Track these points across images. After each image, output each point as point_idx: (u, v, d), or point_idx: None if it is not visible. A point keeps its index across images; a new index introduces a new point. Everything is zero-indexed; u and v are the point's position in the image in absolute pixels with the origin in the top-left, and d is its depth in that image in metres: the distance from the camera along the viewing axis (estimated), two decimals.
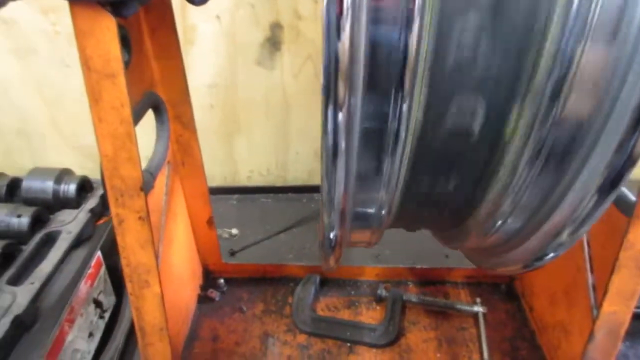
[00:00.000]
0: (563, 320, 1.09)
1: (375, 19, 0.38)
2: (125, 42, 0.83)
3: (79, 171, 1.42)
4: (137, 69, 0.89)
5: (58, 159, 1.76)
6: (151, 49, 0.96)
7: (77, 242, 1.41)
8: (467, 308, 1.26)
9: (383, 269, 1.38)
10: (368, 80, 0.40)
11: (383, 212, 0.52)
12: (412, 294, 1.31)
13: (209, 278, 1.37)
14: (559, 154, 0.42)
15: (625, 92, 0.37)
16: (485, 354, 1.15)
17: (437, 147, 0.46)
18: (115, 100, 0.71)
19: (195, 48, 1.62)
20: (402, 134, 0.43)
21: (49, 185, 1.48)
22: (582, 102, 0.39)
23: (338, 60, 0.38)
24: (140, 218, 0.80)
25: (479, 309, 1.25)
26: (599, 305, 0.90)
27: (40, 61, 1.59)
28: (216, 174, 1.84)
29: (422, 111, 0.43)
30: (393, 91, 0.40)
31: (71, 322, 1.32)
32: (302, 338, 1.21)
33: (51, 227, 1.45)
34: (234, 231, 1.61)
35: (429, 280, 1.38)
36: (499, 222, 0.51)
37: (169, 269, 1.10)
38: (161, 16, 0.91)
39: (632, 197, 0.82)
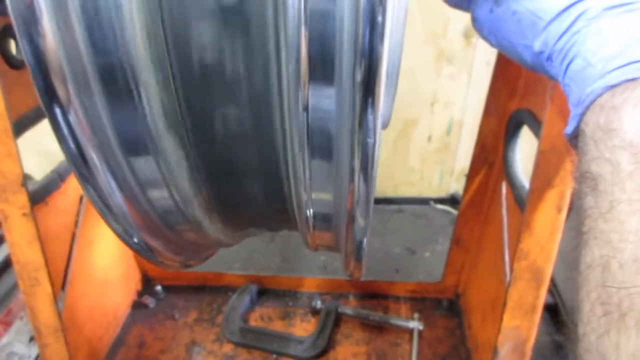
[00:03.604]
0: (490, 338, 1.03)
1: (88, 4, 0.36)
2: None
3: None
4: None
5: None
6: None
7: None
8: (403, 323, 1.22)
9: (324, 280, 1.35)
10: (104, 78, 0.38)
11: (189, 209, 0.50)
12: (348, 306, 1.27)
13: (149, 284, 1.37)
14: (323, 139, 0.40)
15: (345, 68, 0.35)
16: None
17: (212, 140, 0.44)
18: None
19: None
20: (160, 131, 0.41)
21: None
22: (321, 89, 0.37)
23: (46, 60, 0.36)
24: (24, 214, 0.80)
25: (414, 324, 1.20)
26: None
27: None
28: None
29: (174, 103, 0.41)
30: (134, 86, 0.39)
31: (7, 324, 1.33)
32: (228, 348, 1.19)
33: None
34: None
35: (371, 293, 1.34)
36: (309, 213, 0.49)
37: (89, 272, 1.09)
38: None
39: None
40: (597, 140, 0.36)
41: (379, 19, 0.33)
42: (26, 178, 1.48)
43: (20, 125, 0.80)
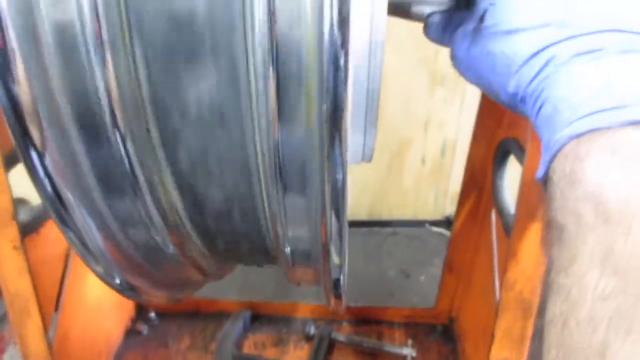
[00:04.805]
0: None
1: (64, 50, 0.37)
2: None
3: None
4: None
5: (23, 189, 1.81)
6: None
7: None
8: (396, 350, 1.21)
9: (318, 306, 1.35)
10: (81, 122, 0.39)
11: (170, 249, 0.51)
12: (341, 332, 1.27)
13: (142, 311, 1.36)
14: (295, 177, 0.41)
15: (313, 107, 0.37)
16: None
17: (189, 182, 0.45)
18: None
19: None
20: (139, 173, 0.42)
21: None
22: (293, 127, 0.39)
23: (19, 104, 0.36)
24: (14, 248, 0.81)
25: (408, 351, 1.20)
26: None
27: None
28: None
29: (150, 147, 0.42)
30: (111, 129, 0.40)
31: (1, 351, 1.33)
32: None
33: None
34: None
35: (365, 319, 1.33)
36: (287, 249, 0.50)
37: (82, 299, 1.09)
38: None
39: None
40: (562, 189, 0.37)
41: (342, 61, 0.34)
42: (20, 203, 1.49)
43: (12, 159, 0.81)
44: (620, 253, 0.31)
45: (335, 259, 0.46)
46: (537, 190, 0.70)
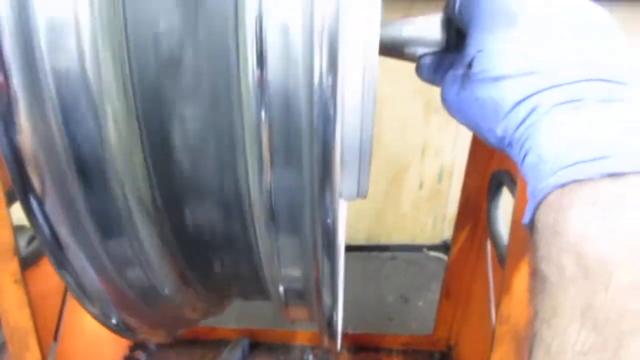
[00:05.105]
0: None
1: (64, 98, 0.36)
2: None
3: None
4: None
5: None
6: None
7: None
8: None
9: (316, 333, 1.34)
10: (80, 169, 0.41)
11: (166, 291, 0.52)
12: None
13: None
14: (287, 220, 0.43)
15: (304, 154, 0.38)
16: None
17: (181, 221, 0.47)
18: None
19: None
20: (137, 219, 0.43)
21: None
22: (286, 172, 0.40)
23: (20, 151, 0.37)
24: (15, 281, 0.82)
25: None
26: None
27: None
28: None
29: (149, 190, 0.44)
30: (110, 177, 0.41)
31: None
32: None
33: None
34: None
35: (363, 346, 1.33)
36: (281, 289, 0.51)
37: (81, 328, 1.10)
38: None
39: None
40: (546, 239, 0.38)
41: (331, 111, 0.36)
42: (20, 230, 1.49)
43: (14, 194, 0.82)
44: (600, 307, 0.32)
45: (327, 299, 0.48)
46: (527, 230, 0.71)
